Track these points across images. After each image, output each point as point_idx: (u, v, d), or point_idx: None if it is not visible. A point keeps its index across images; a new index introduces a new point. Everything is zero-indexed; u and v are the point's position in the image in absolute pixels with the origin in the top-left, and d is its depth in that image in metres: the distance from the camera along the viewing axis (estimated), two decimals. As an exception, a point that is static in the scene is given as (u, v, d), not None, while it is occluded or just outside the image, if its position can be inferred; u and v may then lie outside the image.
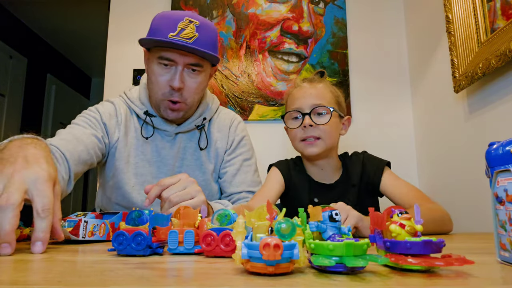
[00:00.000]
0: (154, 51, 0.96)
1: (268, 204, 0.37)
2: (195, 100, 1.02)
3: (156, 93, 0.99)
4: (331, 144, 1.02)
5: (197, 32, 0.92)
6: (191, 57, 0.94)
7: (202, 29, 0.93)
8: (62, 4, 3.25)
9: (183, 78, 0.95)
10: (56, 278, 0.34)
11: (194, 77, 0.97)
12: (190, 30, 0.91)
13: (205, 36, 0.94)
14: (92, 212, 0.80)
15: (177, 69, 0.94)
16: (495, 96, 1.12)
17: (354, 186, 1.03)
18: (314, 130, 0.99)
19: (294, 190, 1.09)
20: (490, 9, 1.10)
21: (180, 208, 0.57)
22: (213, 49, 0.96)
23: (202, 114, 1.09)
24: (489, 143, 0.42)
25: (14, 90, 3.34)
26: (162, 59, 0.94)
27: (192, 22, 0.92)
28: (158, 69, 0.96)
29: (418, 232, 0.37)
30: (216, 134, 1.12)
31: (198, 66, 0.96)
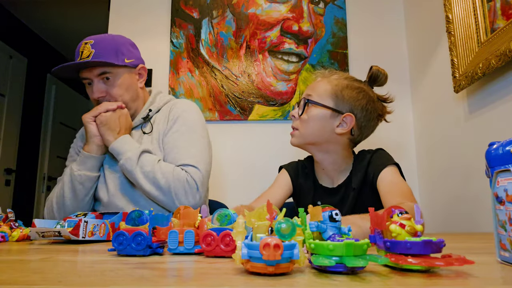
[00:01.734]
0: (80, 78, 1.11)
1: (268, 204, 0.37)
2: (126, 98, 1.12)
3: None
4: (311, 137, 0.98)
5: (93, 48, 1.06)
6: (95, 69, 1.06)
7: (97, 44, 1.07)
8: (62, 4, 3.25)
9: (99, 88, 1.08)
10: (56, 278, 0.34)
11: (111, 83, 1.09)
12: (87, 50, 1.06)
13: (102, 48, 1.06)
14: (92, 212, 0.80)
15: (93, 83, 1.08)
16: (495, 96, 1.12)
17: (354, 189, 0.98)
18: (295, 121, 1.01)
19: (300, 193, 1.08)
20: (490, 9, 1.10)
21: (180, 208, 0.57)
22: (114, 55, 1.08)
23: (147, 108, 1.17)
24: (489, 143, 0.42)
25: (14, 90, 3.34)
26: (83, 80, 1.10)
27: (87, 43, 1.07)
28: (87, 89, 1.11)
29: (418, 232, 0.37)
30: (160, 118, 1.17)
31: (106, 73, 1.07)
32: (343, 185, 1.01)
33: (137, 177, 1.01)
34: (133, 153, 1.02)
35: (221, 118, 1.75)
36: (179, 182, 1.00)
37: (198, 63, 1.79)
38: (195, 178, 1.02)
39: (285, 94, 1.76)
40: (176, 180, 1.00)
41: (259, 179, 1.68)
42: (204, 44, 1.80)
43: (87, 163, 1.06)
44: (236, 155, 1.75)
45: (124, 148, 1.03)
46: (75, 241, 0.70)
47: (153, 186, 1.00)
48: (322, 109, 0.97)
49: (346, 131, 0.97)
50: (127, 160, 1.01)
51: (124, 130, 1.08)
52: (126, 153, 1.02)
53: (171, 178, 1.00)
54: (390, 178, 0.92)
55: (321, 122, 0.98)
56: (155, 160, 1.04)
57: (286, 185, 1.08)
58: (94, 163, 1.07)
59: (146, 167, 1.01)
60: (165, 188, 1.00)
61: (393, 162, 0.96)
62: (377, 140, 1.69)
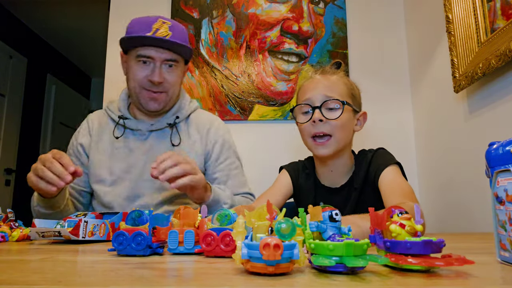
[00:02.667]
0: (132, 52, 1.04)
1: (268, 204, 0.37)
2: (175, 93, 1.10)
3: (135, 86, 1.05)
4: (344, 141, 0.95)
5: (170, 31, 1.01)
6: (167, 53, 1.02)
7: (174, 28, 1.03)
8: (62, 4, 3.25)
9: (161, 73, 1.03)
10: (56, 278, 0.34)
11: (172, 71, 1.05)
12: (164, 29, 1.00)
13: (178, 34, 1.03)
14: (92, 212, 0.80)
15: (156, 65, 1.02)
16: (495, 96, 1.11)
17: (356, 189, 0.97)
18: (324, 125, 0.92)
19: (300, 193, 1.07)
20: (490, 9, 1.10)
21: (180, 208, 0.57)
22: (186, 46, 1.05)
23: (175, 113, 1.14)
24: (489, 143, 0.42)
25: (14, 90, 3.34)
26: (140, 57, 1.02)
27: (165, 23, 1.02)
28: (137, 67, 1.03)
29: (418, 232, 0.37)
30: (195, 134, 1.14)
31: (174, 61, 1.04)
32: (346, 185, 1.00)
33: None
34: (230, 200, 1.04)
35: (221, 118, 1.74)
36: None
37: (198, 63, 1.79)
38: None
39: (285, 94, 1.76)
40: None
41: (259, 179, 1.68)
42: (204, 44, 1.80)
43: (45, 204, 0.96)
44: (236, 155, 1.75)
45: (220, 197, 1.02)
46: (75, 241, 0.70)
47: None
48: (350, 110, 0.95)
49: (361, 128, 1.01)
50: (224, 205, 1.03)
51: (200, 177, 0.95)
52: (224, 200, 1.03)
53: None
54: (392, 178, 0.91)
55: (350, 124, 0.97)
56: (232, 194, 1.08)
57: (287, 185, 1.07)
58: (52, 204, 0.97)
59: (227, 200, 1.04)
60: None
61: (394, 161, 0.96)
62: (377, 140, 1.69)
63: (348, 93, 0.96)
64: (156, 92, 1.05)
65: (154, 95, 1.05)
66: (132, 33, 1.01)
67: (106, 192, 1.08)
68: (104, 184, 1.08)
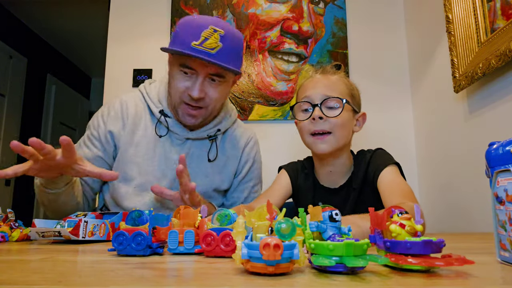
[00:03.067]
0: (177, 57, 0.94)
1: (268, 204, 0.37)
2: (216, 108, 1.01)
3: (175, 97, 0.97)
4: (343, 140, 0.95)
5: (221, 42, 0.89)
6: (213, 67, 0.91)
7: (226, 38, 0.90)
8: (62, 4, 3.25)
9: (203, 87, 0.94)
10: (56, 278, 0.34)
11: (215, 87, 0.96)
12: (214, 40, 0.88)
13: (230, 46, 0.91)
14: (92, 212, 0.80)
15: (198, 79, 0.93)
16: (495, 96, 1.11)
17: (355, 189, 0.98)
18: (324, 123, 0.92)
19: (299, 194, 1.07)
20: (490, 9, 1.10)
21: (180, 208, 0.57)
22: (236, 60, 0.95)
23: (217, 125, 1.07)
24: (489, 143, 0.42)
25: (14, 90, 3.34)
26: (183, 67, 0.93)
27: (216, 31, 0.89)
28: (179, 76, 0.94)
29: (418, 232, 0.37)
30: (229, 151, 1.10)
31: (219, 77, 0.94)
32: (344, 186, 1.00)
33: None
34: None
35: (221, 118, 1.75)
36: None
37: (198, 63, 1.79)
38: None
39: (285, 94, 1.76)
40: None
41: (259, 179, 1.68)
42: (204, 44, 1.80)
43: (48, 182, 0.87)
44: (236, 155, 1.75)
45: None
46: (75, 241, 0.70)
47: None
48: (350, 110, 0.96)
49: (360, 129, 1.01)
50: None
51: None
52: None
53: None
54: (391, 178, 0.92)
55: (350, 124, 0.97)
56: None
57: (286, 185, 1.07)
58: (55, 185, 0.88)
59: None
60: None
61: (393, 161, 0.96)
62: (377, 140, 1.69)
63: (348, 93, 0.97)
64: (194, 107, 0.96)
65: (193, 111, 0.97)
66: (179, 36, 0.91)
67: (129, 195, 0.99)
68: (129, 185, 1.00)
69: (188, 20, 0.93)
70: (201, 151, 1.05)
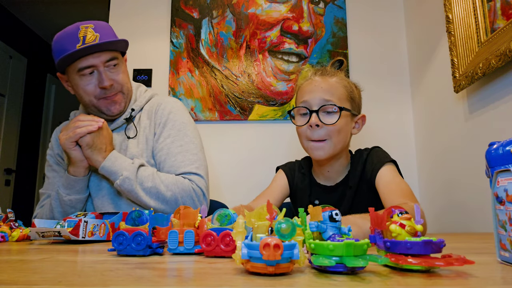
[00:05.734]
0: (71, 69, 1.00)
1: (268, 204, 0.37)
2: (129, 88, 1.09)
3: (91, 100, 1.03)
4: (341, 145, 0.95)
5: (97, 32, 0.99)
6: (105, 54, 1.00)
7: (98, 28, 1.00)
8: (62, 4, 3.25)
9: (108, 75, 1.01)
10: (56, 278, 0.34)
11: (116, 70, 1.03)
12: (91, 33, 0.98)
13: (105, 32, 1.01)
14: (92, 213, 0.80)
15: (100, 71, 1.00)
16: (495, 96, 1.11)
17: (351, 188, 0.98)
18: (321, 130, 0.93)
19: (297, 193, 1.07)
20: (490, 9, 1.10)
21: (180, 208, 0.57)
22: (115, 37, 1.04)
23: (130, 107, 1.11)
24: (489, 143, 0.42)
25: (14, 90, 3.34)
26: (82, 70, 0.99)
27: (88, 27, 0.99)
28: (81, 80, 1.01)
29: (418, 232, 0.37)
30: (145, 121, 1.11)
31: (114, 60, 1.02)
32: (341, 184, 1.01)
33: (139, 195, 0.96)
34: (130, 172, 0.96)
35: (221, 118, 1.75)
36: (185, 193, 0.98)
37: (198, 63, 1.79)
38: (200, 186, 1.02)
39: (285, 94, 1.76)
40: (182, 191, 0.98)
41: (259, 179, 1.68)
42: (204, 44, 1.80)
43: (75, 187, 1.01)
44: (236, 155, 1.75)
45: (117, 166, 0.97)
46: (75, 241, 0.70)
47: (158, 201, 0.97)
48: (347, 115, 0.95)
49: (359, 131, 1.01)
50: (125, 180, 0.96)
51: (109, 145, 1.01)
52: (121, 171, 0.96)
53: (177, 190, 0.98)
54: (389, 178, 0.92)
55: (348, 128, 0.97)
56: (154, 173, 1.00)
57: (283, 185, 1.08)
58: (82, 185, 1.02)
59: (147, 183, 0.97)
60: (171, 201, 0.97)
61: (390, 159, 0.96)
62: (377, 140, 1.69)
63: (347, 97, 0.96)
64: (112, 96, 1.03)
65: (112, 98, 1.03)
66: (62, 52, 0.97)
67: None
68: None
69: (58, 35, 1.02)
70: (121, 133, 1.10)
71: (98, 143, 0.98)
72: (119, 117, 1.10)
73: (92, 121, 0.97)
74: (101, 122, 0.97)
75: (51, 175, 1.14)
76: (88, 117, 0.99)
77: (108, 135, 1.02)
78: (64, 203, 1.00)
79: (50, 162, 1.15)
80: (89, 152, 0.97)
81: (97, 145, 0.97)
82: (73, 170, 1.00)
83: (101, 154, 0.98)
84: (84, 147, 0.97)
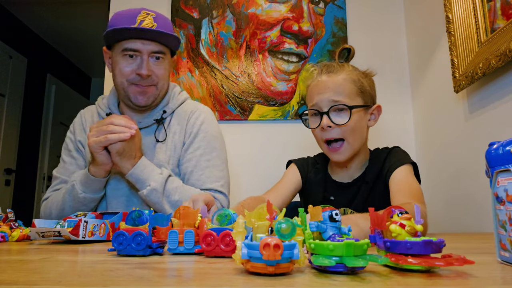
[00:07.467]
0: (117, 47, 1.01)
1: (268, 204, 0.37)
2: (164, 87, 1.07)
3: (122, 81, 1.02)
4: (358, 143, 0.95)
5: (155, 22, 0.99)
6: (154, 44, 0.99)
7: (159, 19, 1.00)
8: (62, 4, 3.25)
9: (149, 65, 1.00)
10: (56, 278, 0.34)
11: (159, 64, 1.03)
12: (149, 21, 0.98)
13: (163, 25, 1.00)
14: (92, 212, 0.80)
15: (143, 58, 0.99)
16: (495, 96, 1.11)
17: (368, 183, 0.97)
18: (334, 130, 0.92)
19: (310, 188, 1.06)
20: (490, 9, 1.10)
21: (180, 208, 0.57)
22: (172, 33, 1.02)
23: (163, 108, 1.10)
24: (489, 143, 0.42)
25: (14, 90, 3.34)
26: (126, 51, 0.99)
27: (149, 14, 1.00)
28: (123, 61, 1.00)
29: (418, 232, 0.37)
30: (175, 127, 1.10)
31: (161, 53, 1.02)
32: (358, 180, 1.00)
33: (164, 208, 0.96)
34: (158, 183, 0.95)
35: (221, 118, 1.75)
36: None
37: (198, 63, 1.79)
38: (223, 205, 1.03)
39: (285, 94, 1.76)
40: None
41: (259, 179, 1.68)
42: (204, 44, 1.80)
43: (93, 186, 0.98)
44: (236, 155, 1.75)
45: (145, 175, 0.96)
46: (75, 241, 0.70)
47: None
48: (359, 111, 0.94)
49: (376, 122, 1.00)
50: (152, 191, 0.95)
51: (139, 151, 0.99)
52: (149, 181, 0.95)
53: None
54: (402, 177, 0.91)
55: (362, 124, 0.96)
56: (181, 186, 1.00)
57: (296, 179, 1.06)
58: (100, 185, 1.00)
59: (174, 196, 0.97)
60: None
61: (410, 160, 0.95)
62: (377, 140, 1.69)
63: (357, 91, 0.95)
64: (145, 86, 1.02)
65: (143, 88, 1.02)
66: (114, 25, 0.98)
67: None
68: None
69: (119, 12, 1.03)
70: (150, 136, 1.08)
71: (128, 150, 0.95)
72: (149, 115, 1.08)
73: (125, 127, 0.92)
74: (134, 129, 0.92)
75: (68, 160, 1.10)
76: (122, 120, 0.93)
77: (139, 141, 0.99)
78: (78, 199, 0.98)
79: (69, 146, 1.12)
80: (118, 159, 0.94)
81: (127, 153, 0.95)
82: (94, 171, 0.97)
83: (130, 161, 0.96)
84: (114, 154, 0.93)
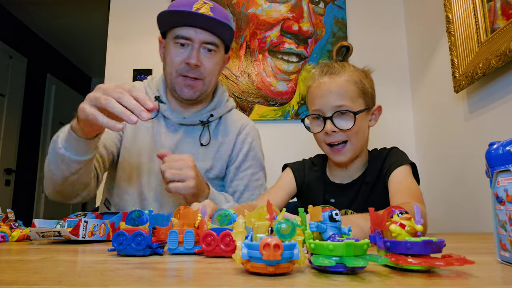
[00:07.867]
0: (170, 34, 1.00)
1: (268, 204, 0.37)
2: (212, 83, 1.04)
3: (171, 72, 1.01)
4: (360, 144, 0.95)
5: (211, 11, 0.96)
6: (207, 34, 0.97)
7: (216, 10, 0.98)
8: (62, 4, 3.25)
9: (199, 56, 0.98)
10: (56, 278, 0.34)
11: (210, 57, 1.00)
12: (206, 10, 0.95)
13: (220, 16, 0.98)
14: (92, 212, 0.80)
15: (194, 47, 0.98)
16: (495, 96, 1.11)
17: (368, 183, 0.97)
18: (338, 134, 0.92)
19: (308, 191, 1.05)
20: (490, 9, 1.10)
21: (180, 208, 0.57)
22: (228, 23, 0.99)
23: (210, 111, 1.08)
24: (489, 143, 0.42)
25: (14, 90, 3.34)
26: (178, 39, 0.98)
27: (206, 3, 0.97)
28: (174, 49, 0.99)
29: (418, 232, 0.37)
30: (222, 137, 1.09)
31: (213, 45, 0.99)
32: (357, 181, 0.99)
33: None
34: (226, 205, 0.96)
35: (221, 118, 1.75)
36: None
37: (198, 63, 1.79)
38: None
39: (285, 94, 1.76)
40: None
41: (259, 179, 1.68)
42: (204, 44, 1.80)
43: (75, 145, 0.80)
44: (236, 155, 1.75)
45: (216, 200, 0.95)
46: (75, 241, 0.70)
47: None
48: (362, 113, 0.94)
49: (376, 122, 1.01)
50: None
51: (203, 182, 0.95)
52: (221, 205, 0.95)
53: None
54: (401, 178, 0.91)
55: (365, 125, 0.96)
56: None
57: (290, 185, 1.06)
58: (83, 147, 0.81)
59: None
60: None
61: (408, 161, 0.95)
62: (377, 140, 1.69)
63: (359, 93, 0.95)
64: (192, 79, 1.00)
65: (190, 81, 1.00)
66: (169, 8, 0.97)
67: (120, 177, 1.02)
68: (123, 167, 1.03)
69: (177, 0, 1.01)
70: (194, 137, 1.06)
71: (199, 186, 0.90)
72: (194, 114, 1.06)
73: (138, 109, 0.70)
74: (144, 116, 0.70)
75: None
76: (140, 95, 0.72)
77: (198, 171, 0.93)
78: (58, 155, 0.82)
79: None
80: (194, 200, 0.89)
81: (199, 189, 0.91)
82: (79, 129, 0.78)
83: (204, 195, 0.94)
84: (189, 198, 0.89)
